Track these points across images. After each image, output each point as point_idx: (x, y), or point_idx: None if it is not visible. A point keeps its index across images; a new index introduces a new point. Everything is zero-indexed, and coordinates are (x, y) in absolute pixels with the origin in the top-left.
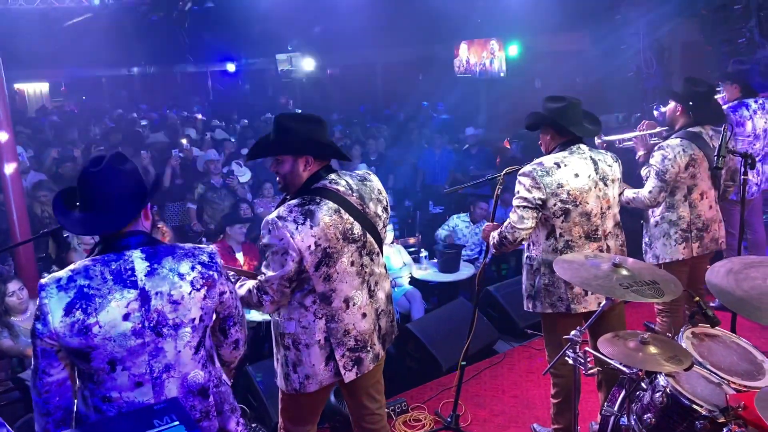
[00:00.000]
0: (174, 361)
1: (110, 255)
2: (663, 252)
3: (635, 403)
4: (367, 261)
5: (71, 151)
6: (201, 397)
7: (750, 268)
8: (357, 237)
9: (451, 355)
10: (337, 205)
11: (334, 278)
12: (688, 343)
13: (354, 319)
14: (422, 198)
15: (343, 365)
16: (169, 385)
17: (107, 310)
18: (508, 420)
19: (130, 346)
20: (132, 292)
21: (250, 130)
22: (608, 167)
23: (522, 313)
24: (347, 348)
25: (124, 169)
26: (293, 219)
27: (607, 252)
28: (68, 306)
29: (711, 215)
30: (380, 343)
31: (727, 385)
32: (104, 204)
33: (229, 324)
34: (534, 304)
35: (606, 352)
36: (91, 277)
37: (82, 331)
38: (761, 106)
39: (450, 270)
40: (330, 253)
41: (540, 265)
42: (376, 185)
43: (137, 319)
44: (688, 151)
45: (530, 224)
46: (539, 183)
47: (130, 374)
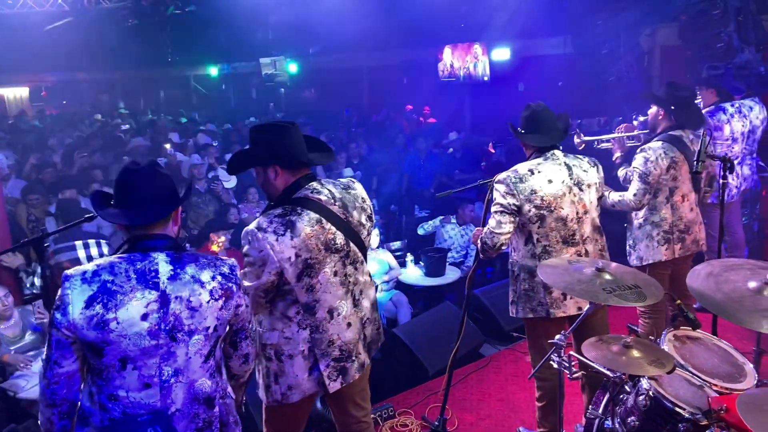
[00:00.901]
0: (183, 366)
1: (137, 254)
2: (646, 253)
3: (619, 406)
4: (350, 270)
5: (50, 156)
6: (206, 406)
7: (729, 271)
8: (340, 247)
9: (437, 359)
10: (318, 215)
11: (317, 289)
12: (670, 346)
13: (338, 330)
14: (407, 202)
15: (328, 375)
16: (176, 389)
17: (127, 308)
18: (495, 424)
19: (144, 346)
20: (153, 293)
21: (235, 134)
22: (583, 172)
23: (508, 316)
24: (332, 358)
25: (161, 172)
26: (273, 230)
27: (586, 256)
28: (90, 299)
29: (692, 217)
30: (366, 351)
31: (709, 387)
32: (139, 200)
33: (240, 337)
34: (516, 310)
35: (590, 356)
36: (116, 273)
37: (99, 325)
38: (738, 109)
39: (436, 274)
40: (311, 264)
41: (520, 270)
42: (360, 193)
43: (154, 320)
44: (669, 154)
45: (508, 229)
46: (513, 190)
47: (140, 374)
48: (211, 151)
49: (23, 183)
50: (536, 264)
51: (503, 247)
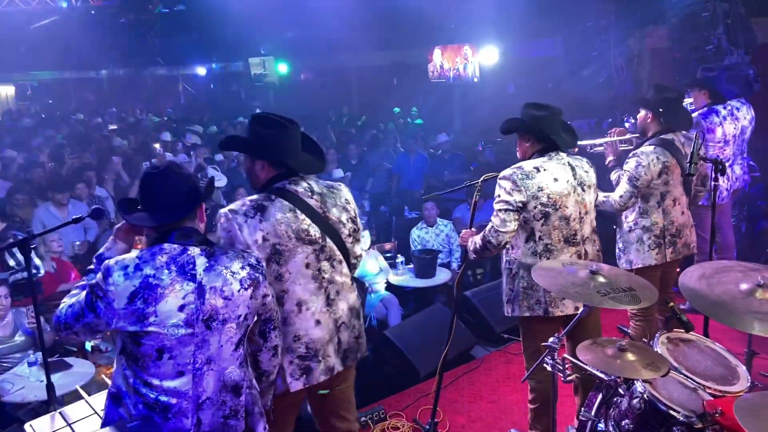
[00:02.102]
0: (216, 354)
1: (176, 247)
2: (636, 257)
3: (613, 408)
4: (326, 266)
5: (36, 156)
6: (233, 394)
7: (721, 273)
8: (313, 239)
9: (428, 361)
10: (291, 205)
11: (285, 278)
12: (664, 349)
13: (306, 325)
14: (398, 203)
15: (290, 373)
16: (207, 377)
17: (166, 301)
18: (486, 426)
19: (180, 335)
20: (191, 284)
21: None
22: (585, 173)
23: (498, 318)
24: (296, 355)
25: (181, 172)
26: (243, 212)
27: (585, 257)
28: (132, 294)
29: (683, 221)
30: (338, 357)
31: (703, 390)
32: (164, 200)
33: (269, 327)
34: (513, 308)
35: (584, 360)
36: (157, 267)
37: (139, 318)
38: (730, 112)
39: (426, 275)
40: (280, 250)
41: (519, 268)
42: (345, 195)
43: (191, 311)
44: (661, 159)
45: (513, 227)
46: (520, 186)
47: (175, 363)
48: (200, 151)
49: (8, 184)
50: (536, 262)
51: (507, 246)
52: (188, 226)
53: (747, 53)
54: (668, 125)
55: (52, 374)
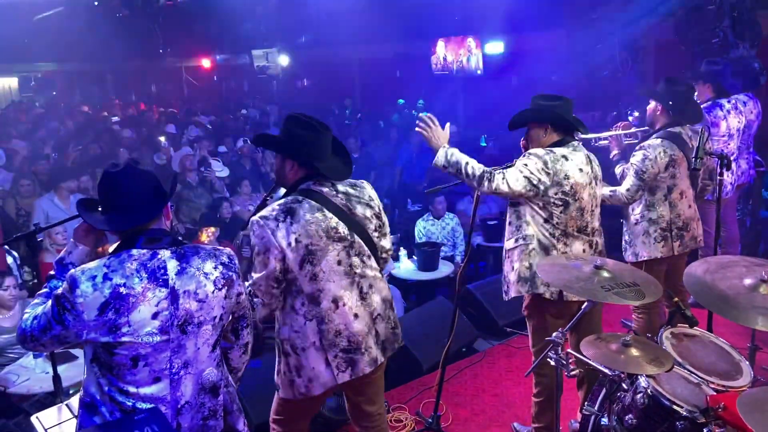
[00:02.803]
0: (193, 358)
1: (144, 252)
2: (642, 250)
3: (616, 403)
4: (356, 262)
5: (41, 148)
6: (212, 394)
7: (725, 268)
8: (342, 236)
9: (431, 354)
10: (319, 204)
11: (320, 277)
12: (668, 344)
13: (345, 320)
14: (400, 196)
15: (336, 366)
16: (185, 381)
17: (139, 310)
18: (489, 419)
19: (155, 342)
20: (163, 290)
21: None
22: (598, 167)
23: (501, 311)
24: (340, 349)
25: (142, 169)
26: (274, 217)
27: (596, 247)
28: (102, 306)
29: (690, 214)
30: (378, 348)
31: (707, 385)
32: (127, 202)
33: (242, 324)
34: (532, 285)
35: (588, 355)
36: (127, 275)
37: (111, 330)
38: (734, 105)
39: (429, 268)
40: (313, 250)
41: (537, 246)
42: (368, 192)
43: (165, 318)
44: (668, 152)
45: (518, 190)
46: (550, 168)
47: (151, 370)
48: (204, 144)
49: (10, 175)
50: (554, 244)
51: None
52: (156, 227)
53: (752, 46)
54: (677, 118)
55: (59, 366)
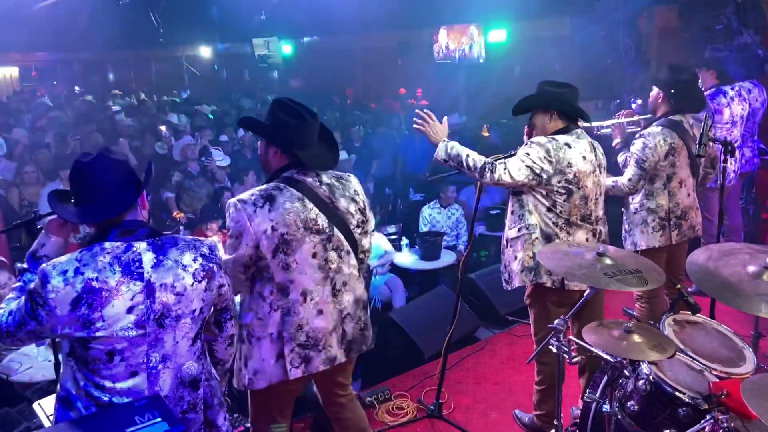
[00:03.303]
0: (171, 351)
1: (118, 245)
2: (641, 239)
3: (618, 390)
4: (333, 257)
5: (42, 137)
6: (191, 388)
7: (728, 255)
8: (321, 228)
9: (433, 343)
10: (301, 194)
11: (292, 268)
12: (670, 331)
13: (308, 315)
14: (403, 186)
15: (290, 361)
16: (163, 375)
17: (112, 304)
18: (491, 407)
19: (131, 336)
20: (138, 284)
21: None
22: (602, 155)
23: (503, 300)
24: (297, 343)
25: (115, 158)
26: (252, 202)
27: (600, 235)
28: (74, 301)
29: (689, 203)
30: (341, 348)
31: (709, 372)
32: (100, 193)
33: (225, 317)
34: (537, 274)
35: (590, 341)
36: (100, 269)
37: (85, 325)
38: (738, 93)
39: (431, 257)
40: (288, 240)
41: (540, 235)
42: (353, 186)
43: (141, 312)
44: (668, 140)
45: (520, 180)
46: (552, 157)
47: (127, 364)
48: (205, 133)
49: (12, 165)
50: (557, 233)
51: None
52: (131, 219)
53: (757, 33)
54: (679, 106)
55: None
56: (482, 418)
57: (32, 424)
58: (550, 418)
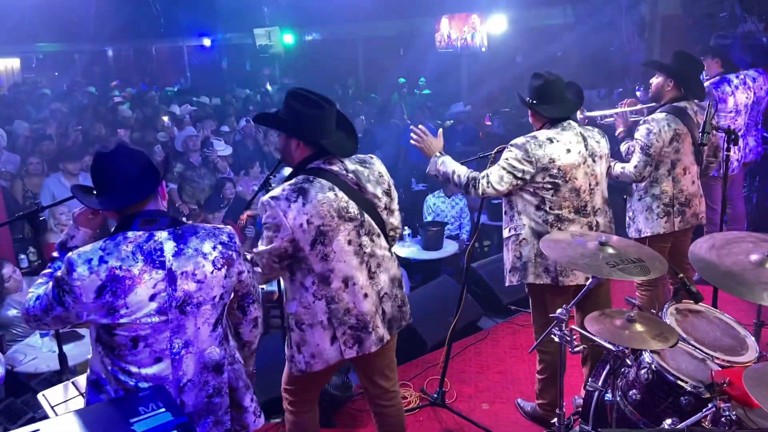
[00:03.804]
0: (193, 337)
1: (140, 234)
2: (645, 226)
3: (620, 379)
4: (366, 241)
5: (44, 129)
6: (215, 373)
7: (732, 244)
8: (353, 216)
9: (435, 333)
10: (330, 183)
11: (331, 257)
12: (672, 320)
13: (354, 299)
14: (405, 176)
15: (344, 342)
16: (186, 360)
17: (135, 292)
18: (493, 396)
19: (154, 323)
20: (160, 272)
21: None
22: (596, 143)
23: (505, 289)
24: (348, 326)
25: (134, 149)
26: (285, 197)
27: (597, 228)
28: (99, 289)
29: (693, 190)
30: (385, 327)
31: (712, 360)
32: (120, 181)
33: (248, 301)
34: (523, 275)
35: (593, 330)
36: (123, 258)
37: (110, 312)
38: (742, 81)
39: (434, 247)
40: (324, 231)
41: (528, 235)
42: (378, 168)
43: (163, 299)
44: (672, 126)
45: (504, 189)
46: (531, 156)
47: (152, 350)
48: (207, 124)
49: (16, 157)
50: (548, 230)
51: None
52: (152, 208)
53: (761, 20)
54: (683, 94)
55: (64, 345)
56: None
57: (37, 415)
58: (553, 407)
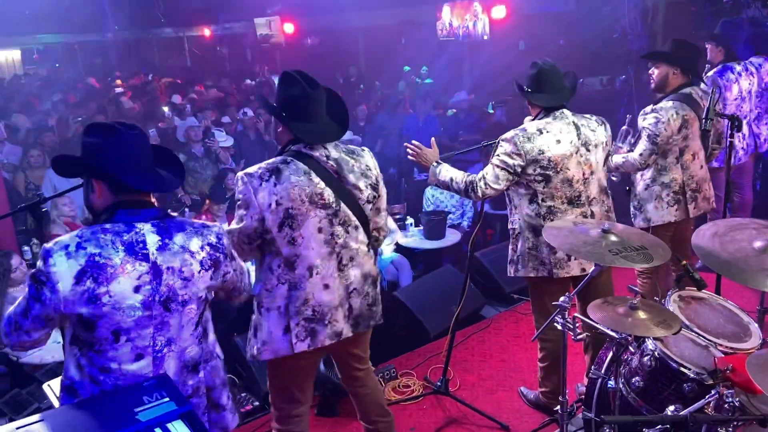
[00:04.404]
0: (176, 335)
1: (119, 225)
2: (655, 214)
3: (623, 366)
4: (339, 231)
5: (45, 121)
6: (193, 372)
7: (735, 231)
8: (327, 203)
9: (438, 322)
10: (307, 167)
11: (298, 242)
12: (675, 307)
13: (314, 289)
14: (407, 165)
15: (296, 334)
16: (168, 359)
17: (119, 281)
18: (496, 384)
19: (138, 317)
20: (144, 264)
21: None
22: (591, 132)
23: (508, 278)
24: (303, 317)
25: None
26: (259, 175)
27: (591, 218)
28: (79, 274)
29: (702, 175)
30: (347, 323)
31: (714, 347)
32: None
33: (235, 294)
34: (516, 269)
35: (595, 318)
36: (102, 246)
37: (91, 300)
38: (745, 67)
39: (435, 237)
40: (293, 214)
41: (523, 229)
42: (366, 161)
43: (148, 292)
44: (681, 113)
45: (503, 186)
46: (520, 150)
47: (133, 346)
48: (207, 114)
49: (18, 149)
50: (541, 223)
51: (486, 199)
52: (139, 198)
53: (765, 6)
54: (689, 79)
55: None
56: (488, 394)
57: (42, 405)
58: (555, 395)
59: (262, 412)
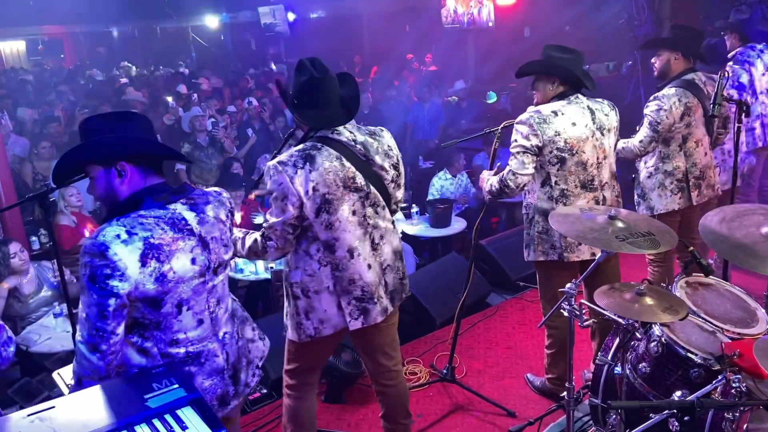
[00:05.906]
0: (222, 294)
1: (153, 210)
2: (658, 203)
3: (630, 352)
4: (370, 212)
5: (51, 112)
6: (234, 321)
7: (742, 216)
8: (359, 186)
9: (444, 309)
10: (338, 153)
11: (336, 227)
12: (682, 293)
13: (359, 270)
14: (412, 153)
15: (349, 313)
16: (221, 317)
17: (177, 257)
18: (502, 371)
19: (195, 285)
20: (192, 239)
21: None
22: (605, 116)
23: (514, 265)
24: (353, 297)
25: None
26: (293, 163)
27: (603, 202)
28: (142, 257)
29: (706, 162)
30: (388, 298)
31: (722, 333)
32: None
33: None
34: (529, 253)
35: (602, 304)
36: (149, 229)
37: (158, 279)
38: (761, 50)
39: (441, 225)
40: (329, 199)
41: (535, 212)
42: (387, 141)
43: (202, 263)
44: (683, 100)
45: (531, 169)
46: (536, 130)
47: (194, 313)
48: (212, 103)
49: (23, 140)
50: (552, 206)
51: (525, 188)
52: (156, 182)
53: None
54: (692, 64)
55: None
56: (494, 381)
57: (53, 393)
58: (562, 381)
59: (269, 400)
